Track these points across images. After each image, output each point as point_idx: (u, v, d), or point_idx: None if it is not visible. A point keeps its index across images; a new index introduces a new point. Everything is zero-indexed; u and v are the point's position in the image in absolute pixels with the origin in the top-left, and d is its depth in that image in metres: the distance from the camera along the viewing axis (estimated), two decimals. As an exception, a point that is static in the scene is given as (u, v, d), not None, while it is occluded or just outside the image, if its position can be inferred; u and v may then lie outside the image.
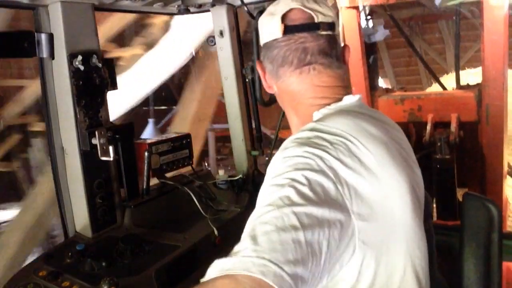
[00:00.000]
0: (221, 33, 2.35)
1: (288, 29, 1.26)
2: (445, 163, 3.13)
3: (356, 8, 3.51)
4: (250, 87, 2.27)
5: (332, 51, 1.28)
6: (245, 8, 1.92)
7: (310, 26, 1.26)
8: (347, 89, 1.31)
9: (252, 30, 2.01)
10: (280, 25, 1.26)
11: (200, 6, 2.19)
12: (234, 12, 2.36)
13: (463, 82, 3.57)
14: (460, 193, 3.53)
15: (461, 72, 3.75)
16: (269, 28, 1.30)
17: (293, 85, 1.30)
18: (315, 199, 0.97)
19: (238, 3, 2.23)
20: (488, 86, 3.08)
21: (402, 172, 1.17)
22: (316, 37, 1.26)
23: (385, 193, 1.10)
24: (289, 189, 0.97)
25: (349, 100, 1.27)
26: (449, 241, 1.84)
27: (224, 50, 2.38)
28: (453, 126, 3.15)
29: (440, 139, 3.12)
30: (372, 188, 1.08)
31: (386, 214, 1.10)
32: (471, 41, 9.62)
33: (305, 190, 0.97)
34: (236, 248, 0.92)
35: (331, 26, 1.28)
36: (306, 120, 1.27)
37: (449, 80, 4.97)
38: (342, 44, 1.35)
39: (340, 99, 1.27)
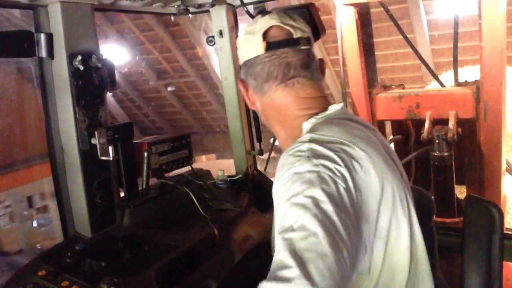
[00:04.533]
0: (221, 33, 2.35)
1: (270, 46, 1.31)
2: (443, 160, 3.13)
3: (354, 5, 3.48)
4: None
5: (312, 64, 1.34)
6: (245, 8, 1.92)
7: (291, 42, 1.32)
8: (327, 99, 1.38)
9: None
10: (262, 42, 1.32)
11: (199, 6, 2.19)
12: (233, 12, 2.37)
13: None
14: (458, 191, 3.54)
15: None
16: (250, 46, 1.35)
17: (279, 99, 1.34)
18: (337, 213, 1.01)
19: (238, 3, 2.23)
20: (486, 83, 3.06)
21: (391, 170, 1.23)
22: (297, 51, 1.32)
23: (382, 190, 1.17)
24: (315, 210, 1.00)
25: (334, 108, 1.34)
26: (449, 241, 1.85)
27: (224, 50, 2.38)
28: (451, 123, 3.13)
29: (438, 136, 3.11)
30: (373, 187, 1.15)
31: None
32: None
33: (328, 208, 1.01)
34: (285, 272, 0.92)
35: (308, 40, 1.35)
36: (294, 132, 1.32)
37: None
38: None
39: (325, 108, 1.33)
